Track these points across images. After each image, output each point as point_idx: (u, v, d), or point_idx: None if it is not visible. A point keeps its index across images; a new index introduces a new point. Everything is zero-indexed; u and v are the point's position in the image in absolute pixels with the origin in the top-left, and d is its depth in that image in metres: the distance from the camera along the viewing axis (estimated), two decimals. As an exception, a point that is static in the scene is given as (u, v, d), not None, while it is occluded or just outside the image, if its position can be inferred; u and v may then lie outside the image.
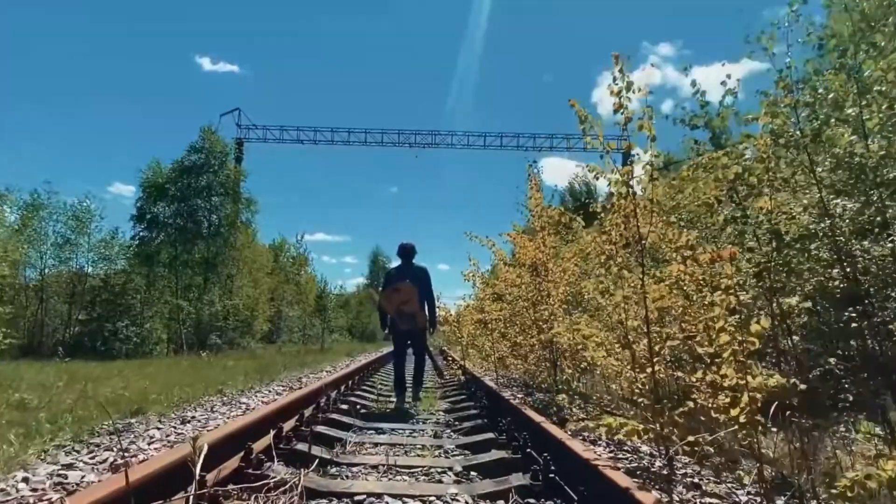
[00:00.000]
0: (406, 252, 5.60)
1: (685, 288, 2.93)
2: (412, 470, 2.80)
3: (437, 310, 5.70)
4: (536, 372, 6.29)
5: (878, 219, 3.48)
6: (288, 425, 3.45)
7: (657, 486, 2.42)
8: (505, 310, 5.35)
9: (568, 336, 3.60)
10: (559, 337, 4.09)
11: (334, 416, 4.13)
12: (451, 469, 2.82)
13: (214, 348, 18.88)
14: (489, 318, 5.85)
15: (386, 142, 26.95)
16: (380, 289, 5.84)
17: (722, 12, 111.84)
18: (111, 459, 2.80)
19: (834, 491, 1.75)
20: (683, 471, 2.84)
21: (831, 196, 3.61)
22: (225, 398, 5.37)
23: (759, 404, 2.07)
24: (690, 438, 2.27)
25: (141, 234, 21.33)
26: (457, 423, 4.30)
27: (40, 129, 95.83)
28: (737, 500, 2.42)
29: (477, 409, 4.79)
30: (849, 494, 1.67)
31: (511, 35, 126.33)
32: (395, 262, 5.73)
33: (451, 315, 6.98)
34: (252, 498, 2.08)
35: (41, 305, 21.46)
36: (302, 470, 2.26)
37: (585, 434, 3.39)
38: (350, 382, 6.17)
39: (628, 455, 3.17)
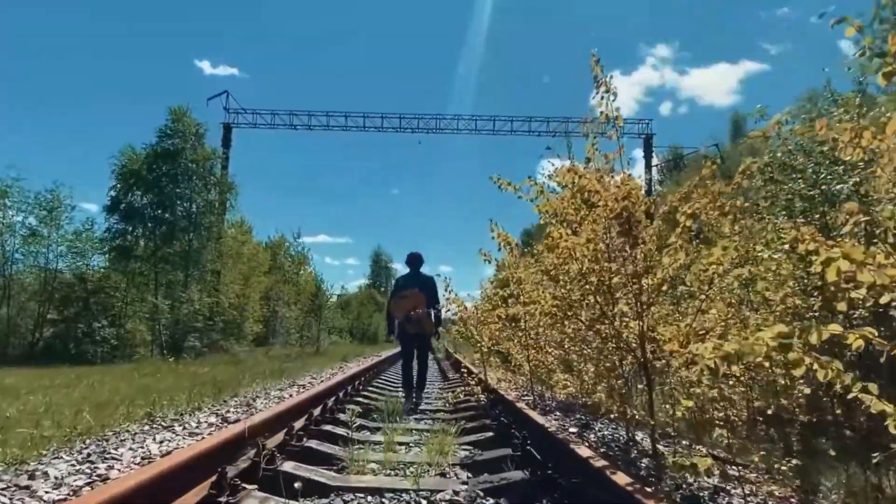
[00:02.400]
0: (414, 261, 5.84)
1: None
2: None
3: (441, 315, 5.84)
4: (595, 392, 4.24)
5: None
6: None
7: None
8: (559, 300, 3.26)
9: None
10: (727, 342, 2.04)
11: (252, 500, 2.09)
12: None
13: (194, 352, 16.84)
14: (531, 313, 3.76)
15: (386, 127, 24.76)
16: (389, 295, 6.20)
17: (719, 14, 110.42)
18: None
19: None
20: None
21: None
22: (99, 444, 3.32)
23: None
24: None
25: (115, 225, 19.33)
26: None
27: (39, 131, 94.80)
28: None
29: (521, 463, 2.75)
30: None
31: (509, 38, 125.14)
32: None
33: (464, 310, 4.95)
34: None
35: (6, 303, 19.45)
36: None
37: None
38: (321, 410, 4.12)
39: None
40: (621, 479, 1.89)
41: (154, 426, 4.29)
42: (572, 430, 4.02)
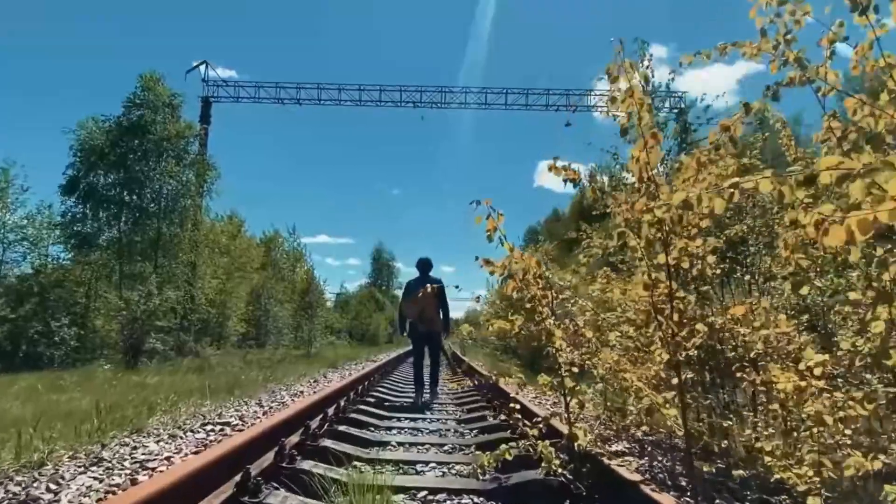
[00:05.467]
0: (423, 265, 6.32)
1: None
2: None
3: (450, 316, 6.25)
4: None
5: None
6: None
7: None
8: None
9: None
10: None
11: None
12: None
13: (157, 355, 14.27)
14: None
15: (385, 101, 22.04)
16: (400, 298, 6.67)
17: (716, 14, 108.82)
18: None
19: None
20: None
21: None
22: None
23: None
24: None
25: (73, 209, 16.77)
26: None
27: (36, 132, 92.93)
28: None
29: None
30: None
31: (507, 38, 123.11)
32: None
33: (532, 280, 2.36)
34: None
35: (-51, 300, 16.93)
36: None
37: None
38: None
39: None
40: None
41: None
42: None
